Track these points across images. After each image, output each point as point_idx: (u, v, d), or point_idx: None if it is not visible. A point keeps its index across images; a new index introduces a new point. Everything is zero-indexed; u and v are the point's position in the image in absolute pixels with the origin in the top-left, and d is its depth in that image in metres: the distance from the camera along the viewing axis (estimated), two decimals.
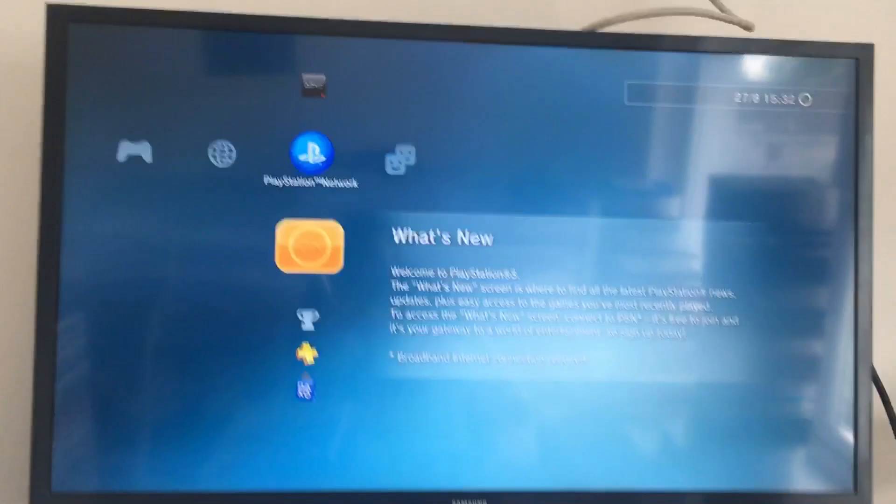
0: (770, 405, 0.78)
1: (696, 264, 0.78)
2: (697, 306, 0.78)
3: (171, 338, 0.74)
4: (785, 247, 0.79)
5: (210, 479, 0.74)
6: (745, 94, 0.79)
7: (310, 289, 0.75)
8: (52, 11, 0.72)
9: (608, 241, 0.77)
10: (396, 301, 0.75)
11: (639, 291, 0.77)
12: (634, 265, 0.78)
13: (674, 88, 0.78)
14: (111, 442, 0.73)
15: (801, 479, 0.79)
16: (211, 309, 0.74)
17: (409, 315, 0.75)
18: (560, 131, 0.77)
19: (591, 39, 0.80)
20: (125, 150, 0.73)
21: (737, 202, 0.78)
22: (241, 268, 0.74)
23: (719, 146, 0.79)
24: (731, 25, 0.85)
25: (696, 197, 0.78)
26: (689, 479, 0.78)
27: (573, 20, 0.86)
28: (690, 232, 0.78)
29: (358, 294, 0.75)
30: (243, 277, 0.74)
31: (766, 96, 0.79)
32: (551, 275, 0.77)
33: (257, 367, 0.74)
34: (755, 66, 0.79)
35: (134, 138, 0.73)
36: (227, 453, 0.74)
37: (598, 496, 0.77)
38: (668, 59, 0.78)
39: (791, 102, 0.79)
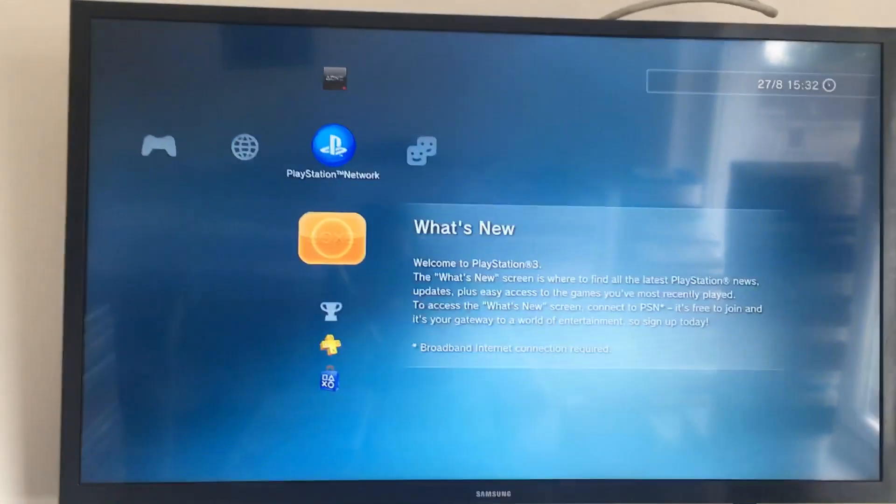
0: (795, 393, 0.78)
1: (720, 253, 0.78)
2: (721, 294, 0.78)
3: (195, 330, 0.74)
4: (809, 234, 0.78)
5: (234, 470, 0.75)
6: (768, 81, 0.78)
7: (333, 280, 0.75)
8: (76, 8, 0.73)
9: (630, 231, 0.77)
10: (419, 292, 0.76)
11: (661, 280, 0.77)
12: (657, 254, 0.77)
13: (696, 76, 0.78)
14: (138, 433, 0.74)
15: (826, 467, 0.79)
16: (234, 301, 0.74)
17: (431, 305, 0.76)
18: (581, 121, 0.77)
19: (611, 28, 0.79)
20: (150, 144, 0.74)
21: (760, 190, 0.78)
22: (264, 260, 0.75)
23: (742, 133, 0.78)
24: (753, 12, 0.84)
25: (719, 185, 0.78)
26: (712, 468, 0.78)
27: (594, 9, 0.86)
28: (713, 220, 0.78)
29: (380, 285, 0.75)
30: (267, 270, 0.75)
31: (790, 83, 0.78)
32: (573, 264, 0.77)
33: (281, 359, 0.75)
34: (778, 53, 0.79)
35: (158, 133, 0.74)
36: (251, 444, 0.75)
37: (621, 485, 0.77)
38: (689, 47, 0.78)
39: (815, 88, 0.78)
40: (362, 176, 0.75)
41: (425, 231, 0.76)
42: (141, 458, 0.75)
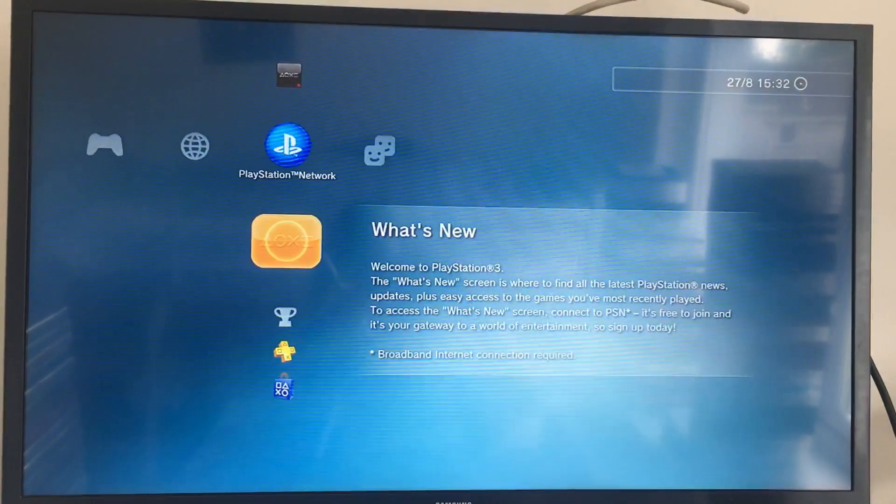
0: (764, 401, 0.76)
1: (687, 256, 0.76)
2: (688, 299, 0.75)
3: (143, 337, 0.72)
4: (779, 237, 0.76)
5: (186, 482, 0.72)
6: (738, 79, 0.76)
7: (287, 285, 0.72)
8: (18, 0, 0.70)
9: (595, 234, 0.75)
10: (376, 296, 0.73)
11: (627, 284, 0.75)
12: (623, 257, 0.75)
13: (663, 74, 0.75)
14: (84, 444, 0.72)
15: (797, 476, 0.77)
16: (185, 306, 0.72)
17: (389, 311, 0.73)
18: (545, 119, 0.74)
19: (576, 24, 0.77)
20: (95, 143, 0.71)
21: (729, 191, 0.76)
22: (215, 264, 0.72)
23: (710, 134, 0.76)
24: (723, 7, 0.82)
25: (686, 187, 0.76)
26: (679, 477, 0.76)
27: (562, 4, 0.84)
28: (680, 223, 0.76)
29: (336, 290, 0.73)
30: (218, 274, 0.72)
31: (760, 81, 0.76)
32: (536, 268, 0.74)
33: (233, 366, 0.72)
34: (748, 50, 0.76)
35: (104, 131, 0.71)
36: (202, 455, 0.72)
37: (585, 495, 0.75)
38: (657, 44, 0.75)
39: (786, 87, 0.76)
40: (318, 176, 0.73)
41: (383, 234, 0.73)
42: (88, 470, 0.72)
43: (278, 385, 0.73)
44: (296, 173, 0.72)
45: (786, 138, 0.77)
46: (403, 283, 0.73)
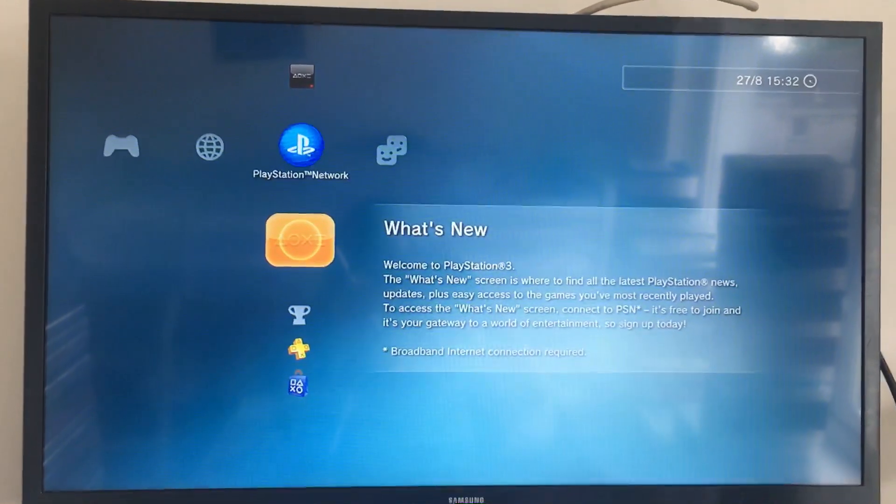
0: (774, 397, 0.76)
1: (697, 253, 0.76)
2: (698, 296, 0.76)
3: (159, 335, 0.73)
4: (789, 234, 0.76)
5: (202, 477, 0.73)
6: (748, 77, 0.76)
7: (301, 283, 0.73)
8: (35, 4, 0.71)
9: (605, 231, 0.75)
10: (389, 294, 0.74)
11: (638, 281, 0.76)
12: (633, 255, 0.76)
13: (673, 72, 0.76)
14: (104, 441, 0.73)
15: (807, 471, 0.77)
16: (200, 305, 0.73)
17: (401, 308, 0.74)
18: (555, 118, 0.75)
19: (586, 23, 0.77)
20: (112, 144, 0.72)
21: (739, 189, 0.76)
22: (230, 263, 0.73)
23: (720, 131, 0.76)
24: (733, 5, 0.82)
25: (696, 184, 0.76)
26: (689, 472, 0.76)
27: (573, 3, 0.84)
28: (690, 220, 0.76)
29: (350, 288, 0.74)
30: (233, 272, 0.73)
31: (769, 79, 0.76)
32: (547, 265, 0.75)
33: (248, 363, 0.73)
34: (758, 48, 0.77)
35: (120, 133, 0.72)
36: (218, 450, 0.73)
37: (595, 490, 0.76)
38: (666, 42, 0.76)
39: (795, 84, 0.77)
40: (331, 176, 0.73)
41: (396, 232, 0.74)
42: (107, 465, 0.73)
43: (293, 382, 0.74)
44: (309, 173, 0.73)
45: (795, 135, 0.77)
46: (416, 281, 0.74)
